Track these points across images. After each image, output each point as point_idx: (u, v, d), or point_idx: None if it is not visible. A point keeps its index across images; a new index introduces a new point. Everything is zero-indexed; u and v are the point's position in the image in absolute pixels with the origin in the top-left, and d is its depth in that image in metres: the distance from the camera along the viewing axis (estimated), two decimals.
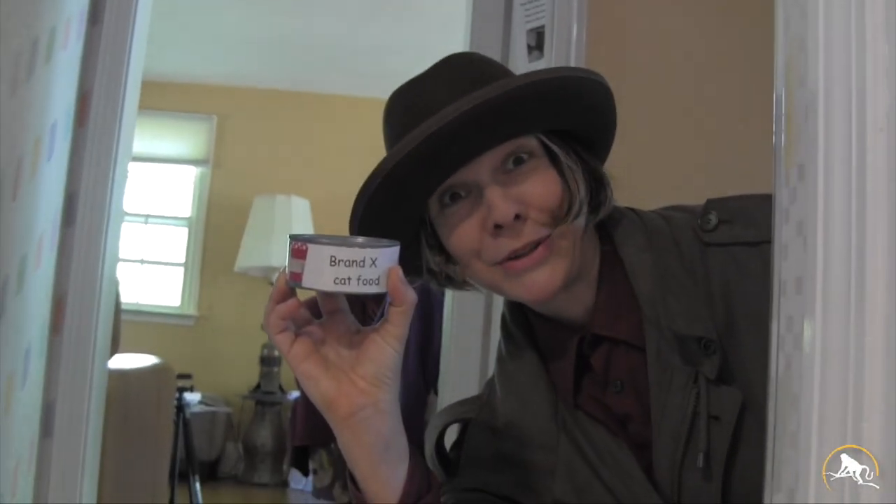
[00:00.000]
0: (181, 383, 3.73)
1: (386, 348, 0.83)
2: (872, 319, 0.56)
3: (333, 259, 0.78)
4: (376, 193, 0.90)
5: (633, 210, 1.05)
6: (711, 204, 0.99)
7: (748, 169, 1.35)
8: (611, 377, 0.99)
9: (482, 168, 0.92)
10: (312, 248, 0.78)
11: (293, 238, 0.80)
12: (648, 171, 0.99)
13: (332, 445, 3.52)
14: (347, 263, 0.78)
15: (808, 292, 0.60)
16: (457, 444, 1.09)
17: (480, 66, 0.98)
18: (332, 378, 0.84)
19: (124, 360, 2.61)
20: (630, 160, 0.99)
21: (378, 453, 0.85)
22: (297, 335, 0.84)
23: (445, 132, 0.86)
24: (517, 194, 0.91)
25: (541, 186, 0.93)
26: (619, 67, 1.86)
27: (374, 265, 0.79)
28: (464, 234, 0.93)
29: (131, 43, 1.94)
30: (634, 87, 1.76)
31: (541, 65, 1.88)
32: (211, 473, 5.21)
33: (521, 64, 1.98)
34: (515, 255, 0.92)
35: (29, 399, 1.66)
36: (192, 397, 4.39)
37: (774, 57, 0.70)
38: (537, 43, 1.95)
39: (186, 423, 3.79)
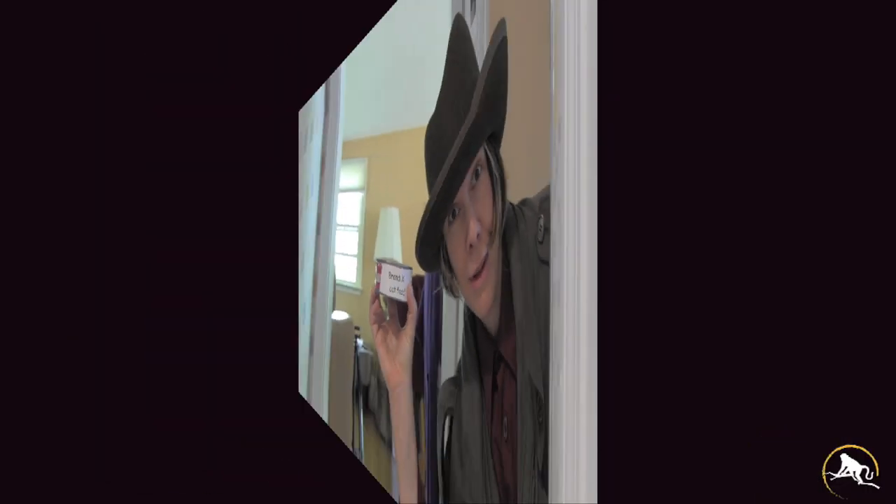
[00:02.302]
0: None
1: (405, 344, 1.10)
2: None
3: (390, 274, 1.11)
4: (425, 225, 0.98)
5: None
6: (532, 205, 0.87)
7: None
8: (505, 406, 0.91)
9: (464, 188, 0.94)
10: (383, 266, 1.13)
11: (378, 260, 1.15)
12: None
13: None
14: (396, 278, 1.10)
15: None
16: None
17: (455, 72, 0.96)
18: (390, 360, 1.12)
19: None
20: None
21: (409, 416, 1.11)
22: (380, 327, 1.16)
23: (454, 168, 0.91)
24: (478, 213, 0.93)
25: (488, 204, 0.92)
26: None
27: (402, 281, 1.09)
28: (461, 254, 0.96)
29: None
30: None
31: None
32: None
33: None
34: (474, 275, 0.94)
35: None
36: None
37: None
38: None
39: None
